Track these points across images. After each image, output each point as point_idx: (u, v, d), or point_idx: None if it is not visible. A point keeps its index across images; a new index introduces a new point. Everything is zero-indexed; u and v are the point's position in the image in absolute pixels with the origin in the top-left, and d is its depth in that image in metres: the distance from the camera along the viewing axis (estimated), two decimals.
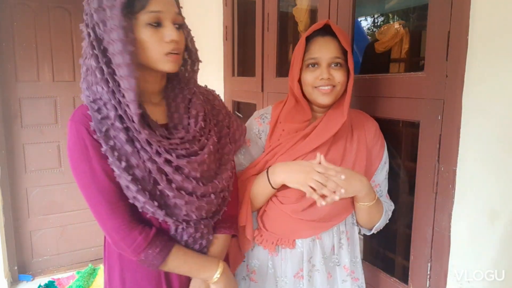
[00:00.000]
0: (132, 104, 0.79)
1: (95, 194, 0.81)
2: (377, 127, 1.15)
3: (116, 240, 0.84)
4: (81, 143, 0.79)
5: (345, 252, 1.13)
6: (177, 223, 0.88)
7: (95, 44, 0.78)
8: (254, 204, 1.09)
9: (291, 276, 1.11)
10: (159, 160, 0.82)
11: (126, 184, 0.80)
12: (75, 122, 0.80)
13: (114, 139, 0.80)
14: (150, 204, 0.82)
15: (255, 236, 1.13)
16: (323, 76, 1.02)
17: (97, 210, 0.82)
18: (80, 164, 0.80)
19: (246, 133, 1.16)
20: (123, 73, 0.78)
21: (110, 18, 0.76)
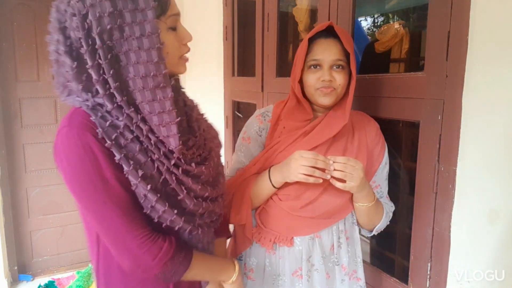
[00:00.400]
0: (173, 138, 0.74)
1: (110, 207, 0.72)
2: (378, 128, 1.15)
3: (138, 255, 0.74)
4: (89, 152, 0.70)
5: (344, 252, 1.13)
6: (194, 229, 0.83)
7: (101, 53, 0.68)
8: (254, 203, 1.09)
9: (289, 274, 1.11)
10: (178, 172, 0.77)
11: (144, 193, 0.73)
12: (78, 129, 0.71)
13: (125, 148, 0.73)
14: (169, 212, 0.76)
15: (253, 233, 1.13)
16: (325, 78, 1.02)
17: (112, 226, 0.73)
18: (88, 175, 0.71)
19: (246, 131, 1.17)
20: (157, 95, 0.71)
21: (139, 24, 0.69)
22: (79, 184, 0.72)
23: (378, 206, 1.09)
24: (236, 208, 1.09)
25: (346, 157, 0.97)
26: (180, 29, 0.79)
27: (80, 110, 0.73)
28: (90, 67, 0.69)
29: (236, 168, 1.17)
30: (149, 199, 0.74)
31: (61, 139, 0.71)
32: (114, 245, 0.75)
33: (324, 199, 1.06)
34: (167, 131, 0.74)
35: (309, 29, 2.06)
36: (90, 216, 0.74)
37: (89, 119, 0.72)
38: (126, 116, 0.72)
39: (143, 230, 0.75)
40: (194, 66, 3.05)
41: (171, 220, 0.78)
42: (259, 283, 1.15)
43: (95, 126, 0.71)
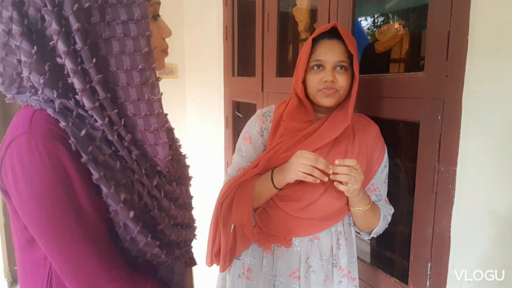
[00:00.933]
0: (163, 148, 0.62)
1: (81, 241, 0.55)
2: (378, 131, 1.15)
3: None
4: (58, 168, 0.53)
5: (342, 253, 1.13)
6: (173, 262, 0.70)
7: (77, 38, 0.54)
8: (255, 203, 1.09)
9: (286, 275, 1.11)
10: (160, 195, 0.65)
11: (125, 221, 0.58)
12: (44, 137, 0.53)
13: (102, 165, 0.57)
14: (151, 245, 0.62)
15: (253, 235, 1.13)
16: (327, 79, 1.03)
17: (84, 266, 0.56)
18: (56, 201, 0.53)
19: (247, 131, 1.16)
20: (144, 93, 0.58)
21: (126, 6, 0.57)
22: (43, 212, 0.53)
23: (375, 209, 1.09)
24: (237, 208, 1.09)
25: (354, 160, 0.97)
26: (160, 21, 0.67)
27: (42, 113, 0.55)
28: (64, 54, 0.54)
29: (236, 168, 1.17)
30: (129, 229, 0.59)
31: (17, 150, 0.53)
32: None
33: (323, 201, 1.06)
34: (154, 138, 0.62)
35: (309, 29, 2.06)
36: (53, 253, 0.56)
37: (57, 126, 0.54)
38: (108, 121, 0.58)
39: (121, 270, 0.59)
40: (194, 66, 3.06)
41: (152, 253, 0.63)
42: (256, 283, 1.15)
43: (66, 135, 0.54)
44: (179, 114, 2.95)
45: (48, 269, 0.61)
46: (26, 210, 0.55)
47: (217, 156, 2.56)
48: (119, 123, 0.59)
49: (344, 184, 0.96)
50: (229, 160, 2.40)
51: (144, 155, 0.63)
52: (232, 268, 1.21)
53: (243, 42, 2.32)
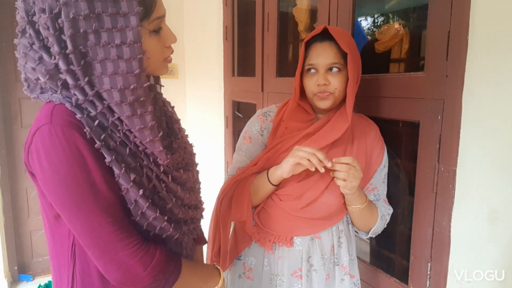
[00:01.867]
0: (160, 155, 0.70)
1: (98, 213, 0.65)
2: (377, 131, 1.15)
3: (129, 266, 0.67)
4: (75, 152, 0.63)
5: (344, 251, 1.13)
6: (181, 236, 0.78)
7: (73, 59, 0.61)
8: (254, 201, 1.10)
9: (288, 274, 1.11)
10: (168, 180, 0.73)
11: (135, 198, 0.68)
12: (62, 126, 0.63)
13: (114, 150, 0.67)
14: (160, 219, 0.71)
15: (253, 233, 1.13)
16: (320, 82, 1.04)
17: (101, 234, 0.65)
18: (75, 179, 0.63)
19: (247, 130, 1.17)
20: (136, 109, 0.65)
21: (120, 30, 0.62)
22: (64, 188, 0.63)
23: (371, 208, 1.09)
24: (237, 206, 1.09)
25: (350, 157, 0.97)
26: (164, 30, 0.72)
27: (62, 106, 0.65)
28: (65, 72, 0.62)
29: (236, 167, 1.17)
30: (139, 204, 0.68)
31: (41, 138, 0.63)
32: (102, 255, 0.67)
33: (324, 200, 1.06)
34: (151, 147, 0.70)
35: (309, 29, 2.06)
36: (74, 224, 0.66)
37: (74, 117, 0.64)
38: (111, 123, 0.67)
39: (134, 239, 0.68)
40: (194, 66, 3.06)
41: (161, 227, 0.72)
42: (257, 283, 1.15)
43: (81, 125, 0.64)
44: (179, 114, 2.94)
45: (72, 241, 0.72)
46: (50, 188, 0.65)
47: (217, 156, 2.56)
48: (122, 125, 0.67)
49: (342, 181, 0.97)
50: (229, 160, 2.40)
51: None
52: (233, 268, 1.21)
53: (243, 42, 2.33)
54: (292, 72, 2.22)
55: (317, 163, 0.95)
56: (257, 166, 1.11)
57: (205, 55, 2.67)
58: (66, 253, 0.73)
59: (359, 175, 0.97)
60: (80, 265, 0.72)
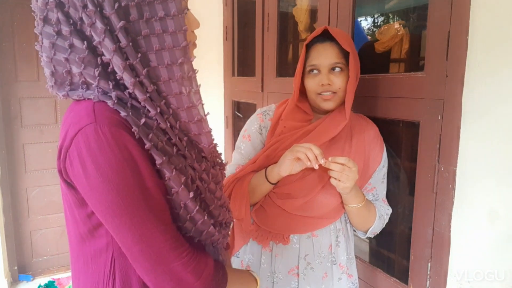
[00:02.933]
0: (206, 136, 0.66)
1: (152, 221, 0.58)
2: (377, 131, 1.15)
3: (183, 276, 0.61)
4: (125, 154, 0.57)
5: (342, 251, 1.14)
6: (222, 240, 0.75)
7: (120, 36, 0.57)
8: (252, 199, 1.10)
9: (285, 272, 1.11)
10: (208, 179, 0.69)
11: (185, 202, 0.63)
12: (109, 126, 0.56)
13: (162, 151, 0.61)
14: (207, 223, 0.66)
15: (251, 230, 1.14)
16: (323, 82, 1.04)
17: (154, 244, 0.59)
18: (126, 184, 0.57)
19: (246, 129, 1.17)
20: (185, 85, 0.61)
21: (162, 2, 0.58)
22: (114, 196, 0.56)
23: (369, 207, 1.09)
24: (235, 203, 1.10)
25: (346, 158, 0.97)
26: (189, 14, 0.68)
27: (103, 104, 0.59)
28: (113, 51, 0.56)
29: (236, 165, 1.18)
30: (189, 208, 0.63)
31: (85, 140, 0.56)
32: (153, 267, 0.60)
33: (321, 199, 1.07)
34: (198, 129, 0.65)
35: (309, 29, 2.06)
36: (123, 235, 0.59)
37: (119, 115, 0.58)
38: (159, 110, 0.61)
39: (186, 247, 0.63)
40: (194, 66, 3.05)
41: (207, 231, 0.67)
42: None
43: (128, 124, 0.58)
44: None
45: (110, 255, 0.65)
46: (96, 196, 0.57)
47: None
48: (168, 112, 0.62)
49: (336, 180, 0.97)
50: (229, 160, 2.40)
51: (191, 141, 0.67)
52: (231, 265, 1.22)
53: (243, 42, 2.33)
54: (292, 72, 2.22)
55: (313, 158, 0.95)
56: (256, 164, 1.11)
57: (205, 55, 2.67)
58: (102, 271, 0.65)
59: (354, 177, 0.97)
60: (120, 282, 0.65)
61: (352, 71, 1.03)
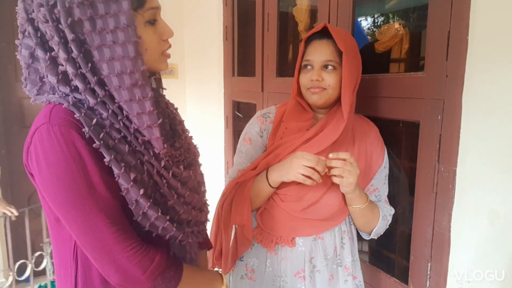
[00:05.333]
0: (157, 142, 0.69)
1: (97, 216, 0.64)
2: (377, 132, 1.15)
3: (128, 269, 0.66)
4: (73, 152, 0.62)
5: (347, 252, 1.13)
6: (184, 238, 0.77)
7: (73, 47, 0.62)
8: (254, 203, 1.09)
9: (291, 275, 1.11)
10: (168, 175, 0.72)
11: (136, 198, 0.67)
12: (60, 126, 0.62)
13: (113, 149, 0.66)
14: (162, 219, 0.70)
15: (255, 234, 1.13)
16: (313, 78, 1.05)
17: (99, 237, 0.64)
18: (72, 179, 0.62)
19: (247, 132, 1.17)
20: (135, 94, 0.65)
21: (114, 15, 0.63)
22: (61, 189, 0.62)
23: (373, 208, 1.09)
24: (236, 209, 1.09)
25: (347, 153, 0.98)
26: (160, 24, 0.72)
27: (60, 107, 0.65)
28: (65, 61, 0.63)
29: (237, 170, 1.17)
30: (140, 205, 0.67)
31: (39, 138, 0.63)
32: (100, 258, 0.66)
33: (325, 201, 1.06)
34: (149, 134, 0.69)
35: (309, 29, 2.06)
36: (72, 226, 0.65)
37: (72, 116, 0.64)
38: (111, 113, 0.66)
39: (133, 241, 0.67)
40: (194, 66, 3.05)
41: (163, 227, 0.71)
42: (259, 284, 1.15)
43: (80, 124, 0.64)
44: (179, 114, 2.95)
45: (73, 243, 0.71)
46: (47, 189, 0.64)
47: (217, 156, 2.56)
48: (122, 114, 0.67)
49: (339, 177, 0.97)
50: (229, 160, 2.40)
51: (150, 143, 0.71)
52: (235, 269, 1.21)
53: (243, 42, 2.32)
54: (292, 72, 2.22)
55: (318, 179, 0.96)
56: (256, 170, 1.11)
57: (205, 55, 2.67)
58: (68, 256, 0.72)
59: (355, 171, 0.97)
60: (82, 268, 0.72)
61: (345, 70, 1.02)
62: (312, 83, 1.05)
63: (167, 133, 0.78)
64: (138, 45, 0.65)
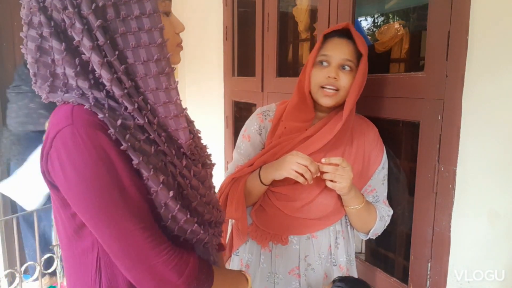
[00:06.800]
0: (183, 132, 0.67)
1: (129, 219, 0.60)
2: (376, 133, 1.15)
3: (164, 274, 0.63)
4: (102, 154, 0.58)
5: (341, 252, 1.14)
6: (209, 240, 0.75)
7: (98, 34, 0.59)
8: (247, 200, 1.10)
9: (285, 273, 1.11)
10: (190, 175, 0.70)
11: (165, 201, 0.64)
12: (85, 127, 0.58)
13: (139, 151, 0.63)
14: (190, 222, 0.67)
15: (250, 231, 1.14)
16: (331, 74, 1.02)
17: (134, 242, 0.60)
18: (103, 184, 0.59)
19: (246, 129, 1.17)
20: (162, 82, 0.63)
21: (138, 1, 0.61)
22: (92, 195, 0.58)
23: (369, 209, 1.09)
24: (231, 204, 1.10)
25: (340, 158, 0.98)
26: (173, 17, 0.72)
27: (81, 107, 0.61)
28: (90, 49, 0.59)
29: (235, 165, 1.18)
30: (170, 208, 0.64)
31: (62, 141, 0.58)
32: (134, 265, 0.62)
33: (320, 201, 1.07)
34: (175, 124, 0.67)
35: (309, 29, 2.06)
36: (103, 233, 0.61)
37: (96, 117, 0.60)
38: (137, 106, 0.63)
39: (166, 245, 0.64)
40: (194, 66, 3.05)
41: (192, 230, 0.68)
42: (253, 279, 1.16)
43: (105, 126, 0.60)
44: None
45: (96, 255, 0.66)
46: (75, 195, 0.60)
47: (217, 156, 2.57)
48: (146, 108, 0.64)
49: (330, 181, 0.98)
50: (229, 160, 2.40)
51: (171, 137, 0.68)
52: (230, 264, 1.22)
53: (243, 42, 2.32)
54: (292, 72, 2.22)
55: (310, 179, 0.96)
56: (253, 167, 1.11)
57: (205, 55, 2.67)
58: (90, 269, 0.68)
59: (348, 176, 0.97)
60: (106, 280, 0.67)
61: (359, 74, 1.02)
62: (328, 80, 1.03)
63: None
64: (163, 32, 0.63)
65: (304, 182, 0.97)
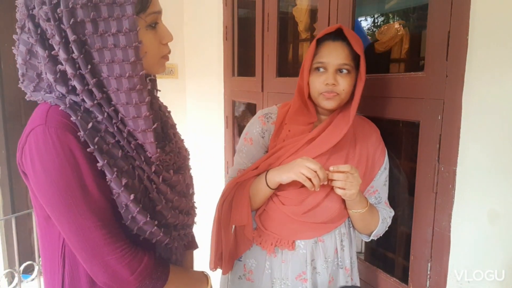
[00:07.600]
0: (150, 146, 0.70)
1: (88, 216, 0.65)
2: (378, 134, 1.15)
3: (117, 270, 0.68)
4: (68, 155, 0.63)
5: (346, 254, 1.13)
6: (170, 242, 0.79)
7: (73, 48, 0.63)
8: (253, 204, 1.09)
9: (292, 278, 1.10)
10: (158, 180, 0.74)
11: (126, 203, 0.68)
12: (56, 128, 0.63)
13: (107, 154, 0.67)
14: (150, 224, 0.72)
15: (254, 236, 1.12)
16: (329, 81, 1.01)
17: (90, 238, 0.66)
18: (66, 181, 0.64)
19: (248, 132, 1.16)
20: (132, 98, 0.66)
21: (117, 19, 0.63)
22: (55, 190, 0.64)
23: (373, 212, 1.09)
24: (236, 209, 1.09)
25: (348, 165, 0.98)
26: (160, 28, 0.73)
27: (56, 108, 0.66)
28: (65, 61, 0.63)
29: (237, 169, 1.17)
30: (130, 209, 0.69)
31: (35, 139, 0.63)
32: (90, 259, 0.67)
33: (326, 205, 1.06)
34: (143, 138, 0.70)
35: (309, 29, 2.06)
36: (64, 226, 0.66)
37: (68, 119, 0.65)
38: (107, 116, 0.67)
39: (123, 243, 0.69)
40: (194, 66, 3.05)
41: (151, 232, 0.73)
42: (257, 285, 1.15)
43: (76, 127, 0.64)
44: (179, 114, 2.95)
45: (62, 242, 0.72)
46: (41, 189, 0.65)
47: (217, 156, 2.56)
48: (117, 118, 0.68)
49: (341, 189, 0.97)
50: (229, 160, 2.40)
51: (141, 145, 0.72)
52: (233, 269, 1.21)
53: (243, 42, 2.32)
54: (292, 72, 2.22)
55: (318, 185, 0.96)
56: (257, 170, 1.10)
57: (205, 55, 2.67)
58: (56, 255, 0.73)
59: (357, 182, 0.97)
60: (69, 267, 0.73)
61: (362, 74, 1.01)
62: (326, 87, 1.02)
63: (158, 135, 0.79)
64: (139, 50, 0.66)
65: (311, 187, 0.96)
